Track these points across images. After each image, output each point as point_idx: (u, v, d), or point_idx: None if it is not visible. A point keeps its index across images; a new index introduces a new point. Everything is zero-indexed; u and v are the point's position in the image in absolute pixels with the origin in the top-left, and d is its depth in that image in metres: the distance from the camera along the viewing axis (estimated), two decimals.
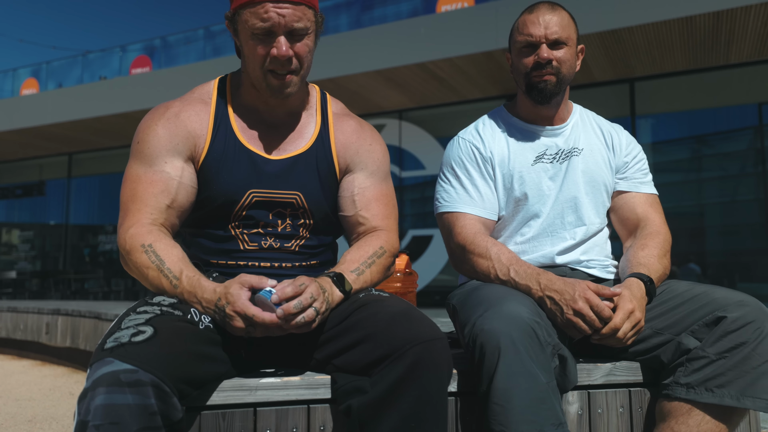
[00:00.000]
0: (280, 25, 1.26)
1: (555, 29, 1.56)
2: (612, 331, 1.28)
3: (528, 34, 1.57)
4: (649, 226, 1.59)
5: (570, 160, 1.63)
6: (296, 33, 1.28)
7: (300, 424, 1.24)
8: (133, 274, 1.29)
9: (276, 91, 1.33)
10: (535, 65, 1.57)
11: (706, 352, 1.30)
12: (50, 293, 12.78)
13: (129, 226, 1.29)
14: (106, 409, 0.96)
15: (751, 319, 1.28)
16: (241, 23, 1.29)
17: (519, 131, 1.67)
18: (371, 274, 1.36)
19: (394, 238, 1.46)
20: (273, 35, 1.27)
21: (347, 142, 1.45)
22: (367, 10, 9.70)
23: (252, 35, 1.28)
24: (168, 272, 1.23)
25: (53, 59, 12.82)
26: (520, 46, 1.60)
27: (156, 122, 1.35)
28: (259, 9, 1.25)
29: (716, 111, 8.12)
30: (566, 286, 1.35)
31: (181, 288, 1.21)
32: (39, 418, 3.60)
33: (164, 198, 1.31)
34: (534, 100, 1.61)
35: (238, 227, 1.37)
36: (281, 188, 1.37)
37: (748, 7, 6.12)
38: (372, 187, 1.45)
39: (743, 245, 8.04)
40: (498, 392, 1.15)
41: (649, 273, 1.43)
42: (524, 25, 1.59)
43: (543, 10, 1.58)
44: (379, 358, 1.13)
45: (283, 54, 1.27)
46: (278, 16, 1.25)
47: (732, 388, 1.26)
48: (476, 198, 1.61)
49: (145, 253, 1.24)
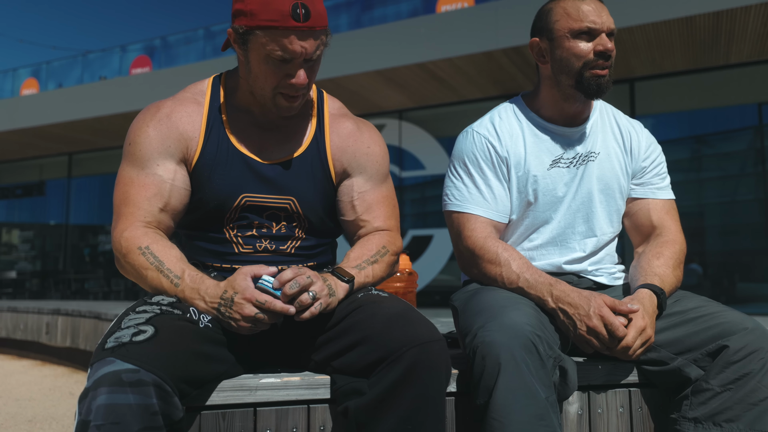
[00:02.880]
0: (301, 56, 1.24)
1: (611, 18, 1.45)
2: (624, 349, 1.27)
3: (591, 21, 1.44)
4: (664, 234, 1.53)
5: (586, 165, 1.55)
6: (313, 62, 1.28)
7: (300, 424, 1.24)
8: (130, 276, 1.28)
9: (284, 111, 1.33)
10: (600, 55, 1.44)
11: (710, 384, 1.27)
12: (50, 293, 12.77)
13: (123, 229, 1.28)
14: (107, 409, 0.96)
15: (755, 348, 1.25)
16: (256, 43, 1.24)
17: (538, 130, 1.57)
18: (374, 270, 1.35)
19: (397, 237, 1.45)
20: (290, 62, 1.25)
21: (343, 145, 1.42)
22: (367, 10, 9.70)
23: (266, 58, 1.24)
24: (168, 272, 1.22)
25: (53, 59, 12.83)
26: (576, 33, 1.46)
27: (147, 124, 1.33)
28: (283, 39, 1.21)
29: (716, 111, 8.12)
30: (581, 299, 1.31)
31: (183, 286, 1.20)
32: (39, 418, 3.60)
33: (157, 201, 1.30)
34: (586, 93, 1.48)
35: (233, 229, 1.36)
36: (274, 193, 1.35)
37: (748, 7, 6.12)
38: (371, 190, 1.44)
39: (743, 245, 8.04)
40: (497, 408, 1.14)
41: (663, 285, 1.39)
42: (579, 11, 1.45)
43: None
44: (377, 360, 1.13)
45: (301, 83, 1.26)
46: (301, 48, 1.23)
47: (740, 422, 1.24)
48: (489, 199, 1.53)
49: (142, 255, 1.24)
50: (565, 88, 1.50)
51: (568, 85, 1.49)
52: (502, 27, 7.13)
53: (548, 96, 1.56)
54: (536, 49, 1.55)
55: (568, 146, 1.56)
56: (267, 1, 1.20)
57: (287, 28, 1.20)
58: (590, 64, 1.45)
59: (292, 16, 1.19)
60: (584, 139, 1.57)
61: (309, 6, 1.21)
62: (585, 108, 1.56)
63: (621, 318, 1.28)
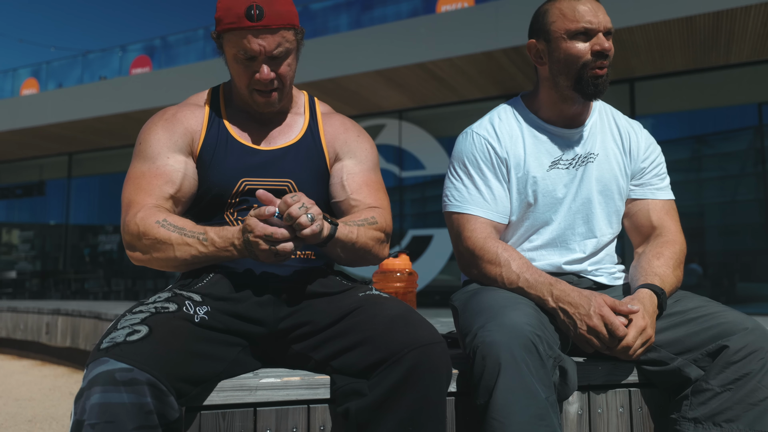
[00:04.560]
0: (261, 53, 1.34)
1: (607, 18, 1.45)
2: (624, 349, 1.27)
3: (587, 21, 1.44)
4: (664, 234, 1.53)
5: (585, 166, 1.55)
6: (277, 58, 1.36)
7: (300, 424, 1.24)
8: (152, 254, 1.29)
9: (262, 106, 1.41)
10: (598, 55, 1.44)
11: (710, 384, 1.27)
12: (50, 293, 12.78)
13: (135, 213, 1.31)
14: (101, 408, 0.96)
15: (755, 348, 1.25)
16: (227, 46, 1.37)
17: (537, 132, 1.57)
18: (359, 231, 1.35)
19: (387, 215, 1.46)
20: (255, 60, 1.35)
21: (336, 133, 1.50)
22: (367, 10, 9.69)
23: (235, 58, 1.36)
24: (191, 234, 1.27)
25: (53, 59, 12.83)
26: (573, 33, 1.45)
27: (155, 124, 1.42)
28: (242, 39, 1.32)
29: (716, 111, 8.12)
30: (581, 299, 1.31)
31: (210, 239, 1.26)
32: (39, 418, 3.60)
33: (169, 188, 1.36)
34: (584, 95, 1.48)
35: (233, 214, 1.40)
36: (273, 176, 1.41)
37: (748, 7, 6.12)
38: (361, 173, 1.49)
39: (743, 245, 8.04)
40: (497, 408, 1.14)
41: (663, 285, 1.39)
42: (574, 11, 1.45)
43: None
44: (378, 361, 1.13)
45: (265, 78, 1.36)
46: (259, 46, 1.33)
47: (740, 422, 1.24)
48: (489, 200, 1.53)
49: (162, 227, 1.27)
50: (564, 89, 1.50)
51: (566, 86, 1.49)
52: (502, 27, 7.13)
53: (547, 97, 1.56)
54: (534, 50, 1.55)
55: (568, 147, 1.56)
56: (228, 6, 1.32)
57: (243, 28, 1.31)
58: (589, 64, 1.45)
59: (246, 16, 1.30)
60: (583, 141, 1.57)
61: (264, 6, 1.31)
62: (584, 109, 1.56)
63: (621, 318, 1.28)
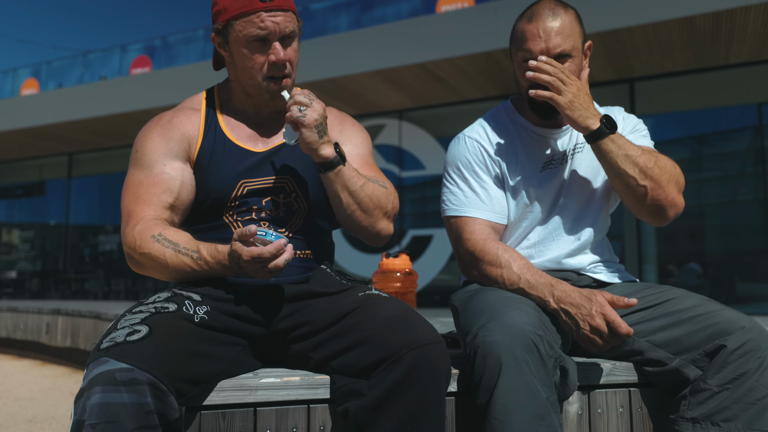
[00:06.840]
0: (275, 32, 1.34)
1: (557, 41, 1.43)
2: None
3: (527, 49, 1.45)
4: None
5: (574, 157, 1.58)
6: (287, 38, 1.36)
7: (300, 424, 1.24)
8: (148, 267, 1.30)
9: (275, 95, 1.39)
10: (535, 85, 1.45)
11: (708, 384, 1.27)
12: (50, 293, 12.78)
13: (134, 226, 1.31)
14: (102, 408, 0.96)
15: (752, 347, 1.25)
16: (234, 33, 1.35)
17: (527, 134, 1.60)
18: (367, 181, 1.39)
19: (395, 194, 1.48)
20: (268, 42, 1.35)
21: (331, 124, 1.50)
22: (367, 10, 9.69)
23: (247, 44, 1.35)
24: (185, 250, 1.27)
25: (53, 59, 12.83)
26: (520, 60, 1.49)
27: (151, 131, 1.42)
28: (255, 18, 1.33)
29: (716, 111, 8.11)
30: (582, 299, 1.31)
31: (203, 258, 1.26)
32: (39, 418, 3.60)
33: (167, 197, 1.35)
34: (539, 116, 1.53)
35: (232, 216, 1.40)
36: (270, 175, 1.41)
37: (748, 7, 6.12)
38: (359, 156, 1.50)
39: (743, 245, 8.03)
40: (498, 407, 1.15)
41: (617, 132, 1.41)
42: (523, 37, 1.47)
43: (543, 17, 1.44)
44: (377, 361, 1.14)
45: (282, 58, 1.35)
46: (273, 23, 1.33)
47: (738, 422, 1.24)
48: (486, 201, 1.55)
49: (157, 242, 1.27)
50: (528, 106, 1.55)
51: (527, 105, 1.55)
52: (502, 27, 7.12)
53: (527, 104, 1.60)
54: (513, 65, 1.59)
55: (557, 146, 1.59)
56: None
57: (256, 9, 1.32)
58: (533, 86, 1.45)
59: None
60: (570, 135, 1.61)
61: None
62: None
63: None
